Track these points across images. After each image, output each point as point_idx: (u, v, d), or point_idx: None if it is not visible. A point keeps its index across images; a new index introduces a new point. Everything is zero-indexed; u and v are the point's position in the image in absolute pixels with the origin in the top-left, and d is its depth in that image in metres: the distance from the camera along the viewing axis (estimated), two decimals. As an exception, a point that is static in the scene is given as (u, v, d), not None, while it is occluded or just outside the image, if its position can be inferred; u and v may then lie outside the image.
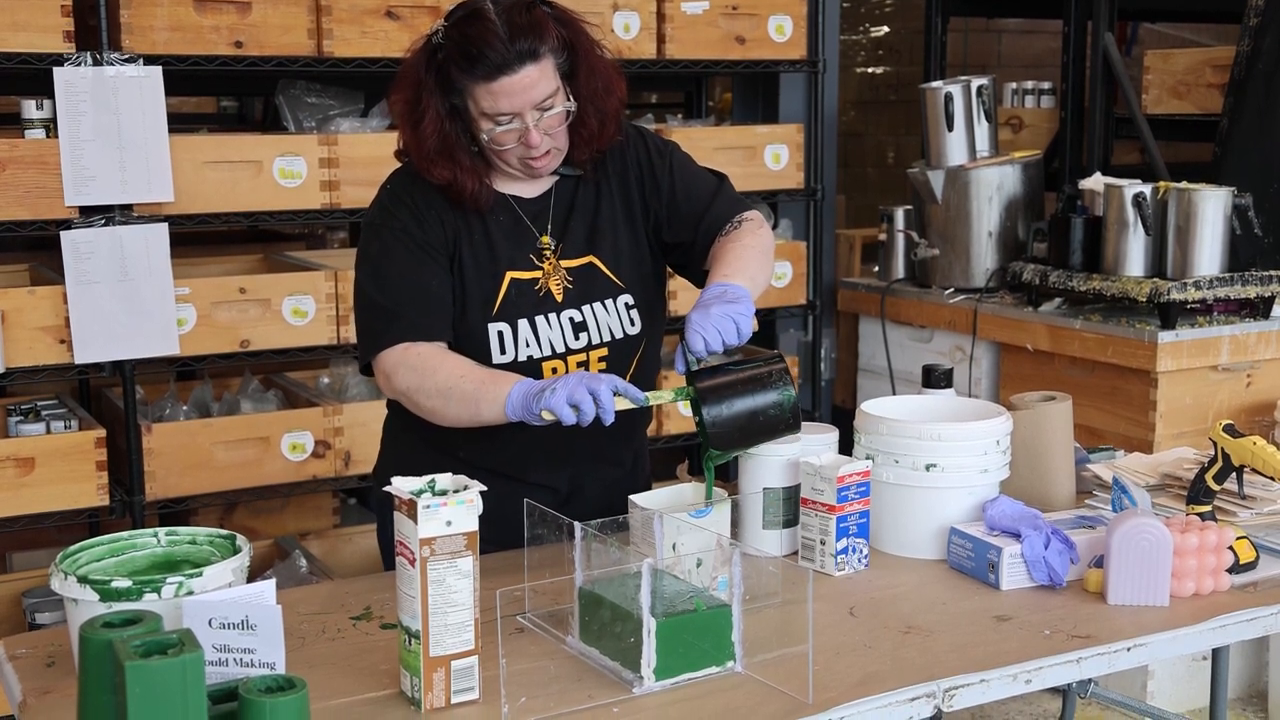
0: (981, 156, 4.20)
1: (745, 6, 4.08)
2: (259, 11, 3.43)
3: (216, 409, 3.82)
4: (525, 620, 1.94)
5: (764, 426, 2.03)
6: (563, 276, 2.21)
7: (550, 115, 2.10)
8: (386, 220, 2.19)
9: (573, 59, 2.13)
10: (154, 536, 1.89)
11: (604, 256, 2.24)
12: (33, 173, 3.21)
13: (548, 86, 2.08)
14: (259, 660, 1.58)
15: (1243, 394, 3.78)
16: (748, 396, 2.01)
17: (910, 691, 1.73)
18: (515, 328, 2.18)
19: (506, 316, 2.18)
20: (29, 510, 3.28)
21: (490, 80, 2.05)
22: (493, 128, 2.10)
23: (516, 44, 2.04)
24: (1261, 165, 3.96)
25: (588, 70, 2.15)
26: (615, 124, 2.22)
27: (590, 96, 2.15)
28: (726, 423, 2.00)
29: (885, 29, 7.35)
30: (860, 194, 7.03)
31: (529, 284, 2.20)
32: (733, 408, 2.00)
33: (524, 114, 2.08)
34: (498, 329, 2.17)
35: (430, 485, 1.72)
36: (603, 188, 2.27)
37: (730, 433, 2.01)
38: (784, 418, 2.02)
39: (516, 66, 2.04)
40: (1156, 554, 1.98)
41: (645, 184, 2.28)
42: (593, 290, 2.22)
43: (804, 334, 4.57)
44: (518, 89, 2.05)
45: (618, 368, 2.24)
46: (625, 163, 2.28)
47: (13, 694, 1.78)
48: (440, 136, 2.11)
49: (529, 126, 2.09)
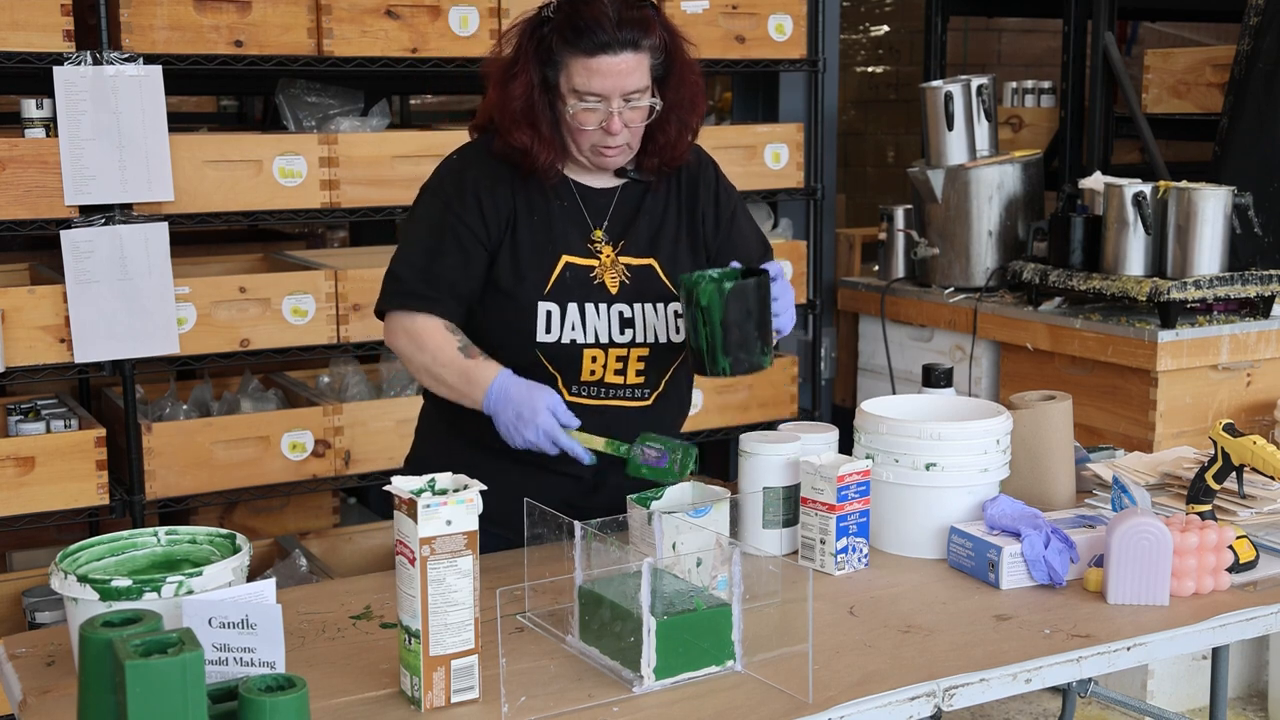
0: (981, 156, 4.20)
1: (745, 6, 4.08)
2: (259, 11, 3.43)
3: (216, 408, 3.82)
4: (525, 619, 1.94)
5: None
6: (621, 271, 2.27)
7: (634, 108, 2.18)
8: (437, 190, 2.29)
9: (668, 65, 2.22)
10: (154, 536, 1.89)
11: (663, 262, 2.29)
12: (33, 172, 3.21)
13: (640, 79, 2.17)
14: (259, 659, 1.58)
15: (1243, 393, 3.78)
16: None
17: (910, 691, 1.73)
18: (564, 310, 2.22)
19: (557, 297, 2.23)
20: (29, 509, 3.28)
21: (591, 56, 2.14)
22: (579, 104, 2.17)
23: (623, 30, 2.14)
24: (1261, 164, 3.96)
25: (678, 79, 2.24)
26: (691, 139, 2.32)
27: (675, 105, 2.24)
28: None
29: (885, 28, 7.34)
30: (860, 193, 7.03)
31: (584, 270, 2.25)
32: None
33: (612, 98, 2.16)
34: (547, 308, 2.22)
35: (430, 484, 1.72)
36: (670, 199, 2.34)
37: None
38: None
39: (618, 50, 2.14)
40: (1156, 553, 1.98)
41: (708, 211, 2.36)
42: (648, 291, 2.27)
43: (804, 333, 4.57)
44: (613, 71, 2.14)
45: (655, 371, 2.29)
46: (697, 184, 2.37)
47: (13, 693, 1.78)
48: (528, 101, 2.19)
49: (613, 112, 2.16)
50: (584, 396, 2.25)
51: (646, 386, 2.29)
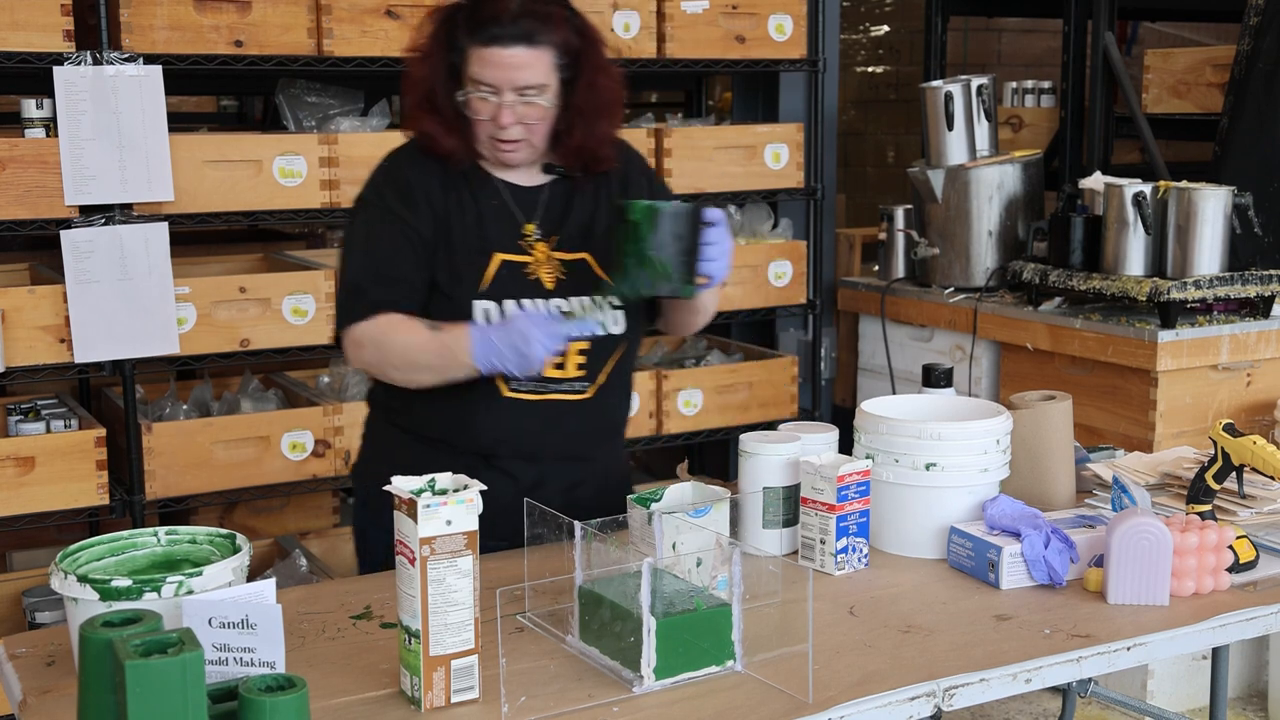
0: (981, 156, 4.20)
1: (745, 6, 4.08)
2: (259, 10, 3.43)
3: (216, 408, 3.82)
4: (525, 619, 1.94)
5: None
6: (556, 267, 2.27)
7: (528, 104, 2.17)
8: (373, 198, 2.29)
9: (576, 68, 2.21)
10: (154, 536, 1.89)
11: (598, 256, 2.29)
12: (33, 172, 3.21)
13: (534, 76, 2.16)
14: (259, 659, 1.58)
15: (1243, 393, 3.78)
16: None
17: (910, 691, 1.73)
18: (502, 307, 2.22)
19: (494, 295, 2.22)
20: (29, 509, 3.28)
21: (485, 46, 2.15)
22: (473, 92, 2.18)
23: (520, 23, 2.14)
24: (1261, 164, 3.96)
25: (587, 86, 2.22)
26: (605, 148, 2.29)
27: (582, 111, 2.23)
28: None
29: (885, 28, 7.34)
30: (860, 193, 7.03)
31: (519, 267, 2.25)
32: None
33: (503, 90, 2.16)
34: (484, 306, 2.22)
35: (430, 484, 1.72)
36: (601, 194, 2.33)
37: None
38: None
39: (510, 43, 2.14)
40: (1156, 553, 1.98)
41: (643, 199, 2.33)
42: (584, 284, 2.27)
43: (804, 333, 4.57)
44: (504, 64, 2.14)
45: (596, 363, 2.29)
46: (629, 177, 2.36)
47: (13, 693, 1.78)
48: (430, 86, 2.22)
49: (502, 104, 2.16)
50: (523, 391, 2.25)
51: (587, 379, 2.29)
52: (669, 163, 4.00)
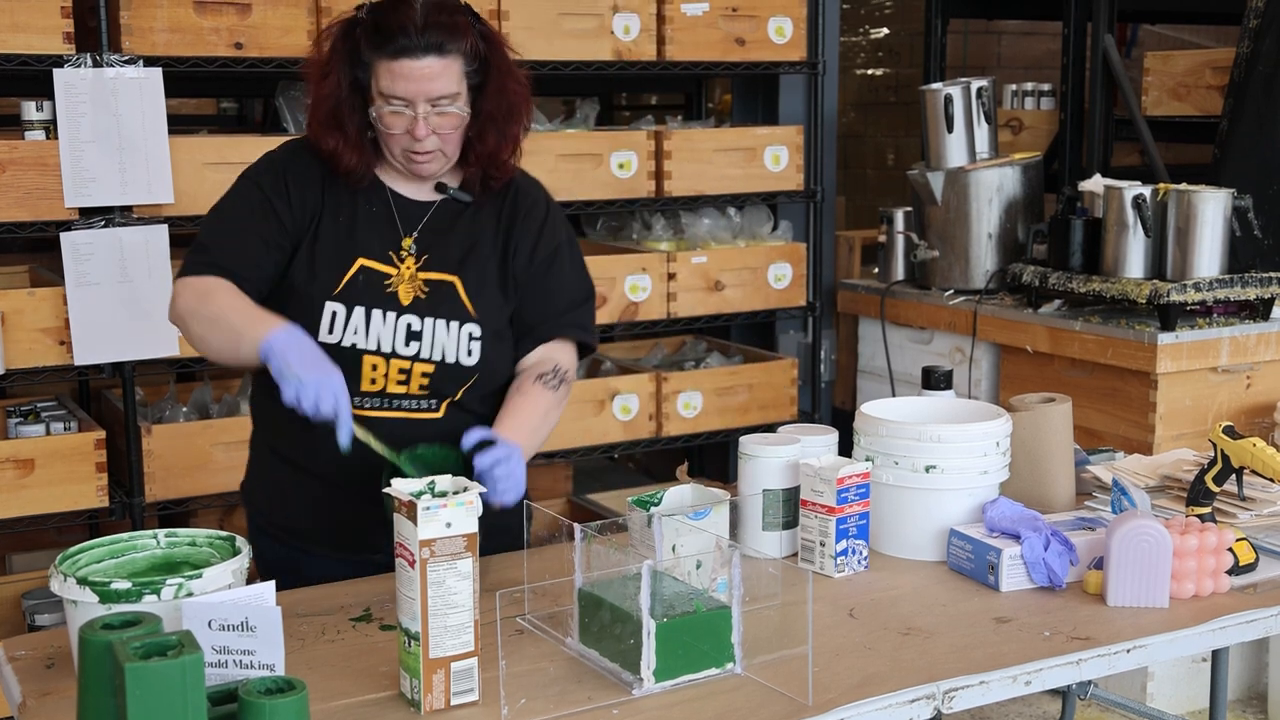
0: (981, 158, 4.20)
1: (745, 8, 4.09)
2: (259, 13, 3.43)
3: (216, 410, 3.82)
4: (525, 622, 1.94)
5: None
6: (419, 286, 2.21)
7: (442, 113, 2.14)
8: (253, 175, 2.27)
9: (484, 74, 2.18)
10: (153, 538, 1.89)
11: (467, 282, 2.23)
12: (33, 174, 3.21)
13: (447, 85, 2.13)
14: (258, 662, 1.58)
15: (1242, 395, 3.78)
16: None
17: (910, 693, 1.73)
18: (350, 312, 2.17)
19: (345, 299, 2.18)
20: (29, 512, 3.28)
21: (394, 59, 2.11)
22: (385, 107, 2.14)
23: (427, 34, 2.10)
24: (1261, 167, 3.96)
25: (497, 89, 2.19)
26: (512, 151, 2.25)
27: (494, 115, 2.20)
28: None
29: (885, 31, 7.35)
30: (860, 195, 7.03)
31: (379, 276, 2.20)
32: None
33: (416, 103, 2.13)
34: (333, 308, 2.17)
35: (430, 487, 1.72)
36: (489, 222, 2.28)
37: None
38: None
39: (420, 54, 2.10)
40: (1156, 556, 1.98)
41: (523, 244, 2.27)
42: (442, 308, 2.20)
43: (804, 335, 4.57)
44: (416, 75, 2.11)
45: (442, 391, 2.21)
46: (520, 214, 2.29)
47: (12, 696, 1.78)
48: (335, 103, 2.17)
49: (418, 116, 2.13)
50: (368, 408, 2.17)
51: (432, 398, 2.21)
52: (669, 165, 4.00)
